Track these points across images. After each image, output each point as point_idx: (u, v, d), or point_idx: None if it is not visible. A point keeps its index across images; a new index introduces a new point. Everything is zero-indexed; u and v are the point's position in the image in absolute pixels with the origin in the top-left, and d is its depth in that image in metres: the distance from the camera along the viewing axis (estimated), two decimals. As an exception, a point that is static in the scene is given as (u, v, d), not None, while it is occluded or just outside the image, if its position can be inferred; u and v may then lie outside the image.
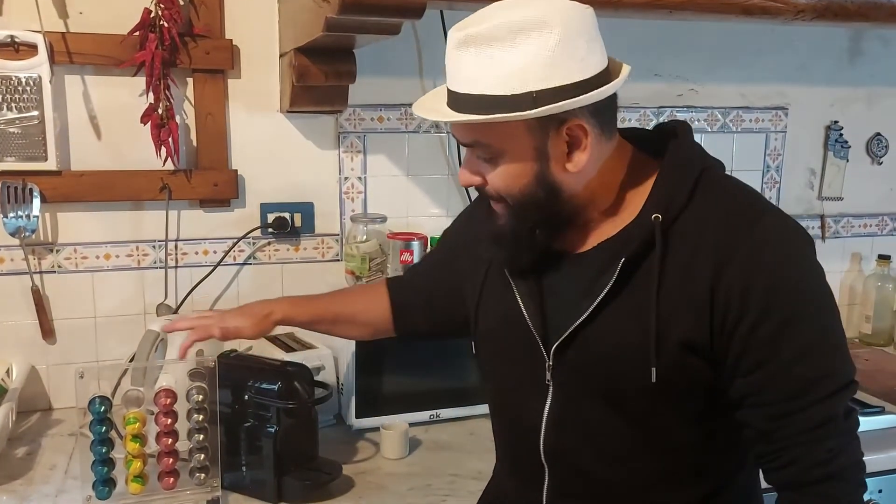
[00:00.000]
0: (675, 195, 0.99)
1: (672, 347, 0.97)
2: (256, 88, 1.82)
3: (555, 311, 1.06)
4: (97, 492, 1.31)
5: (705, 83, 2.16)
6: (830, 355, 0.96)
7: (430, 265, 1.39)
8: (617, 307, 0.99)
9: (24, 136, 1.65)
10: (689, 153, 1.04)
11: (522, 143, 0.97)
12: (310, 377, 1.45)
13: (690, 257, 0.96)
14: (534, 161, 0.98)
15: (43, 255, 1.74)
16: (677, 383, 0.98)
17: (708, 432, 1.04)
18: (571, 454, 1.07)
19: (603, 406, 1.03)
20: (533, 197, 1.00)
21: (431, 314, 1.33)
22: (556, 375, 1.06)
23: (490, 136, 0.98)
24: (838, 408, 0.96)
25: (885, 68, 2.32)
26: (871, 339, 2.30)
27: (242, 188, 1.84)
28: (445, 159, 1.99)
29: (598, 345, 1.01)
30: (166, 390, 1.35)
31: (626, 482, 1.06)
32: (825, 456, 0.94)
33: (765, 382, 0.95)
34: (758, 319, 0.94)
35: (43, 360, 1.77)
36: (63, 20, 1.67)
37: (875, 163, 2.38)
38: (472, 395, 1.74)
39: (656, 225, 0.97)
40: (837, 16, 1.62)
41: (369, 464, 1.55)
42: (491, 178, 1.01)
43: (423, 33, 1.90)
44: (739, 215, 0.98)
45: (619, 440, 1.04)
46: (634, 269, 0.98)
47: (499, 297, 1.12)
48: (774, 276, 0.94)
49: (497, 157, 0.99)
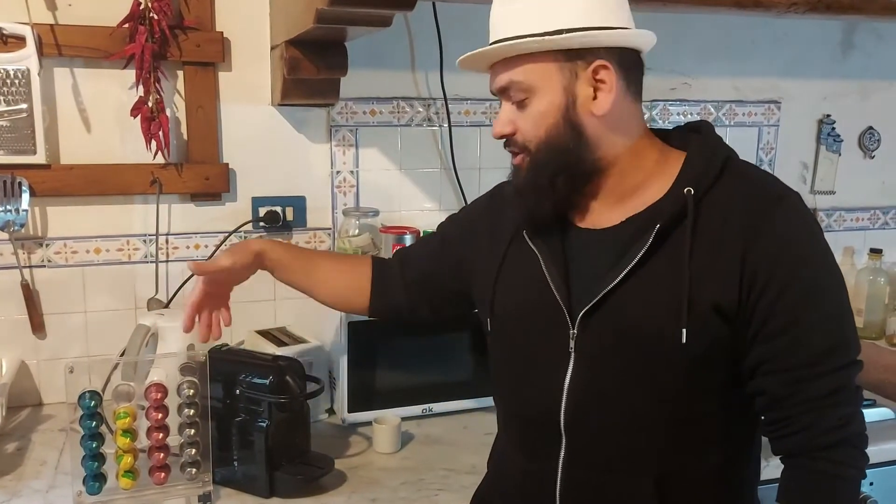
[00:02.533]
0: (705, 174, 1.06)
1: (702, 310, 1.01)
2: (248, 81, 1.81)
3: (579, 281, 1.09)
4: (88, 487, 1.31)
5: (698, 76, 2.16)
6: (845, 328, 1.03)
7: (428, 244, 1.38)
8: (647, 274, 1.04)
9: (13, 130, 1.63)
10: (716, 142, 1.11)
11: (552, 82, 1.05)
12: (301, 371, 1.44)
13: (720, 228, 1.02)
14: (562, 100, 1.05)
15: (32, 250, 1.73)
16: (703, 347, 1.02)
17: (725, 403, 1.07)
18: (592, 422, 1.09)
19: (625, 373, 1.06)
20: (558, 139, 1.06)
21: (420, 291, 1.33)
22: (580, 344, 1.08)
23: (523, 74, 1.06)
24: (849, 379, 1.02)
25: (878, 62, 2.32)
26: (863, 333, 2.30)
27: (234, 182, 1.83)
28: (438, 153, 1.99)
29: (626, 311, 1.05)
30: (157, 385, 1.34)
31: (642, 451, 1.07)
32: (838, 423, 1.00)
33: (783, 348, 1.00)
34: (782, 289, 0.99)
35: (33, 355, 1.76)
36: (52, 12, 1.66)
37: (867, 157, 2.38)
38: (464, 389, 1.74)
39: (689, 196, 1.03)
40: (830, 8, 1.62)
41: (362, 458, 1.55)
42: (522, 122, 1.09)
43: (416, 25, 1.90)
44: (766, 193, 1.04)
45: (640, 408, 1.06)
46: (665, 239, 1.03)
47: (521, 270, 1.15)
48: (798, 252, 1.01)
49: (529, 96, 1.06)
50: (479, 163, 2.01)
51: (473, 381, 1.75)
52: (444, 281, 1.30)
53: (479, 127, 2.00)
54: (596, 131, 1.06)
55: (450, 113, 1.95)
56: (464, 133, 1.99)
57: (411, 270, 1.34)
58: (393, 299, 1.34)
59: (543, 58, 1.04)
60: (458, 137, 1.97)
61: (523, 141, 1.09)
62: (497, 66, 1.09)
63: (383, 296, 1.35)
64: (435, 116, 1.97)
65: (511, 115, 1.10)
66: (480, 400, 1.75)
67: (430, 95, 1.96)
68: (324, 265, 1.38)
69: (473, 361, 1.76)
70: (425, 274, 1.33)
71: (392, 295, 1.34)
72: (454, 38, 1.88)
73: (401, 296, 1.34)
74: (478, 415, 1.74)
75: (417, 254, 1.37)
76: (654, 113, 2.13)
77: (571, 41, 1.02)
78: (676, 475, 1.07)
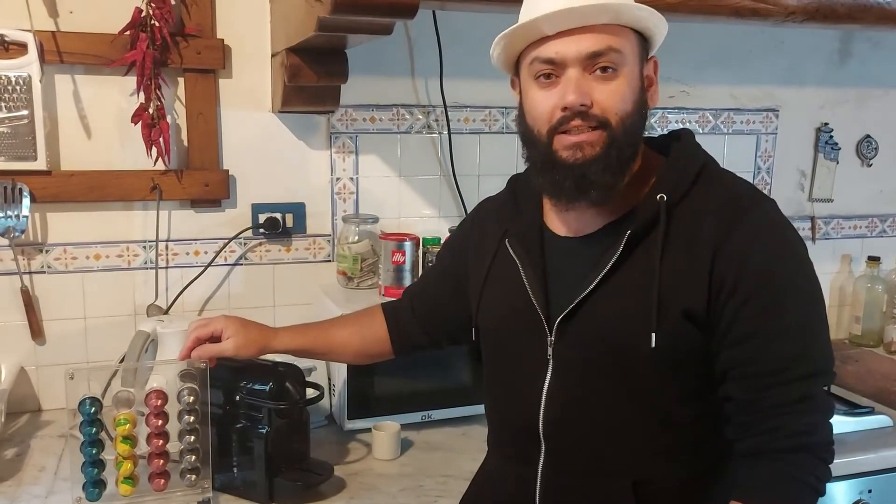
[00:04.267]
0: (680, 181, 1.06)
1: (672, 314, 1.01)
2: (248, 88, 1.82)
3: (558, 289, 1.10)
4: (87, 493, 1.31)
5: (696, 84, 2.17)
6: (810, 339, 1.02)
7: (430, 278, 1.44)
8: (619, 280, 1.04)
9: (14, 136, 1.64)
10: (693, 150, 1.12)
11: (636, 62, 1.05)
12: (301, 378, 1.45)
13: (692, 235, 1.02)
14: (639, 82, 1.05)
15: (32, 256, 1.73)
16: (674, 352, 1.02)
17: (702, 411, 1.07)
18: (569, 428, 1.10)
19: (601, 379, 1.07)
20: (637, 119, 1.05)
21: (433, 325, 1.37)
22: (557, 351, 1.09)
23: (624, 43, 1.02)
24: (816, 389, 1.02)
25: (875, 70, 2.33)
26: (861, 340, 2.31)
27: (234, 188, 1.84)
28: (437, 160, 1.99)
29: (600, 316, 1.05)
30: (157, 391, 1.34)
31: (621, 457, 1.08)
32: (801, 428, 0.99)
33: (749, 355, 1.01)
34: (748, 295, 1.00)
35: (32, 361, 1.75)
36: (53, 19, 1.66)
37: (865, 164, 2.39)
38: (464, 396, 1.74)
39: (661, 203, 1.03)
40: (827, 18, 1.63)
41: (361, 465, 1.55)
42: (603, 94, 1.02)
43: (416, 33, 1.90)
44: (739, 201, 1.04)
45: (616, 414, 1.07)
46: (637, 244, 1.04)
47: (504, 278, 1.16)
48: (767, 258, 1.01)
49: (620, 67, 1.02)
50: (478, 170, 2.02)
51: (472, 388, 1.75)
52: (452, 310, 1.32)
53: (478, 134, 2.01)
54: (646, 123, 1.08)
55: (449, 120, 1.96)
56: (463, 140, 2.00)
57: (421, 307, 1.37)
58: (412, 339, 1.39)
59: (631, 35, 1.04)
60: (457, 145, 1.98)
61: (603, 114, 1.02)
62: (589, 29, 1.00)
63: (403, 339, 1.39)
64: (434, 123, 1.97)
65: (586, 85, 1.01)
66: (479, 407, 1.73)
67: (430, 103, 1.96)
68: (337, 334, 1.41)
69: (472, 369, 1.76)
70: (434, 308, 1.36)
71: (410, 336, 1.38)
72: (454, 46, 1.89)
73: (419, 335, 1.38)
74: (477, 422, 1.74)
75: (423, 290, 1.41)
76: (652, 121, 2.14)
77: (661, 27, 1.04)
78: (653, 480, 1.08)
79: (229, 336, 1.33)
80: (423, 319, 1.37)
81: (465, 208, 2.00)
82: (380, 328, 1.40)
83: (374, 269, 1.85)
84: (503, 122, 2.02)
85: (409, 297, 1.42)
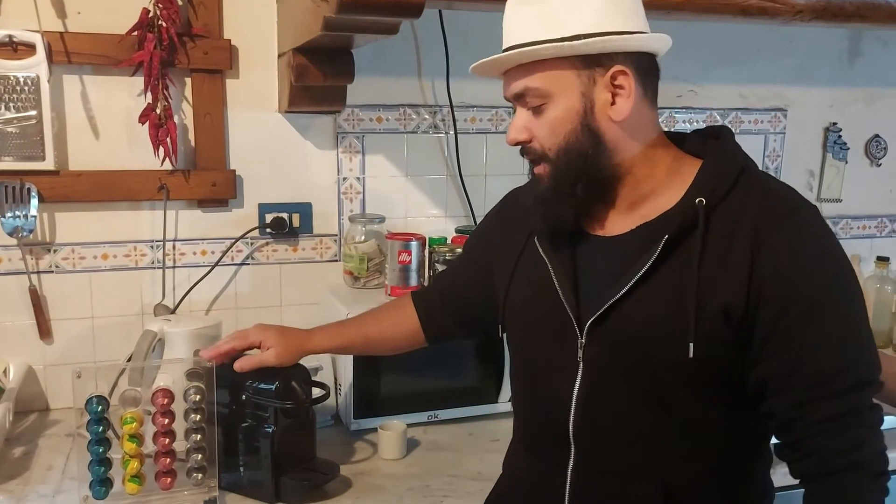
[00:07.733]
0: (718, 184, 1.03)
1: (709, 322, 0.99)
2: (255, 88, 1.82)
3: (588, 290, 1.09)
4: (94, 492, 1.31)
5: (704, 84, 2.16)
6: (853, 349, 0.98)
7: (458, 267, 1.44)
8: (654, 284, 1.02)
9: (22, 136, 1.64)
10: (733, 151, 1.08)
11: (570, 88, 1.04)
12: (307, 377, 1.44)
13: (730, 239, 1.00)
14: (580, 106, 1.04)
15: (40, 255, 1.74)
16: (710, 361, 1.00)
17: (733, 423, 1.06)
18: (599, 433, 1.08)
19: (632, 385, 1.05)
20: (577, 145, 1.05)
21: (462, 313, 1.37)
22: (588, 353, 1.07)
23: (540, 80, 1.04)
24: (860, 402, 0.98)
25: (884, 69, 2.32)
26: (870, 341, 2.29)
27: (240, 188, 1.84)
28: (444, 160, 1.99)
29: (633, 321, 1.03)
30: (164, 390, 1.35)
31: (651, 463, 1.07)
32: (845, 446, 0.96)
33: (787, 368, 0.98)
34: (786, 305, 0.97)
35: (40, 360, 1.76)
36: (61, 20, 1.67)
37: (874, 164, 2.38)
38: (470, 395, 1.74)
39: (700, 207, 1.01)
40: (836, 16, 1.62)
41: (367, 464, 1.55)
42: (538, 128, 1.07)
43: (422, 33, 1.90)
44: (779, 205, 1.02)
45: (646, 421, 1.05)
46: (674, 248, 1.02)
47: (532, 277, 1.15)
48: (808, 265, 0.98)
49: (546, 101, 1.05)
50: (484, 170, 2.02)
51: (479, 388, 1.75)
52: (480, 299, 1.30)
53: (485, 134, 2.01)
54: (614, 137, 1.05)
55: (456, 120, 1.96)
56: (470, 140, 1.99)
57: (449, 297, 1.38)
58: (444, 329, 1.39)
59: (560, 64, 1.03)
60: (464, 144, 1.98)
61: (541, 148, 1.07)
62: (512, 71, 1.07)
63: (435, 329, 1.40)
64: (441, 123, 1.97)
65: (526, 121, 1.08)
66: (486, 407, 1.75)
67: (437, 102, 1.96)
68: (372, 329, 1.42)
69: (479, 368, 1.76)
70: (462, 298, 1.36)
71: (442, 326, 1.39)
72: (460, 46, 1.89)
73: (450, 325, 1.38)
74: (483, 421, 1.73)
75: (451, 280, 1.42)
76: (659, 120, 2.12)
77: (589, 47, 1.01)
78: (684, 486, 1.07)
79: (269, 346, 1.35)
80: (452, 309, 1.37)
81: (471, 208, 1.99)
82: (411, 319, 1.40)
83: (380, 269, 1.86)
84: (510, 123, 2.01)
85: (438, 288, 1.42)
